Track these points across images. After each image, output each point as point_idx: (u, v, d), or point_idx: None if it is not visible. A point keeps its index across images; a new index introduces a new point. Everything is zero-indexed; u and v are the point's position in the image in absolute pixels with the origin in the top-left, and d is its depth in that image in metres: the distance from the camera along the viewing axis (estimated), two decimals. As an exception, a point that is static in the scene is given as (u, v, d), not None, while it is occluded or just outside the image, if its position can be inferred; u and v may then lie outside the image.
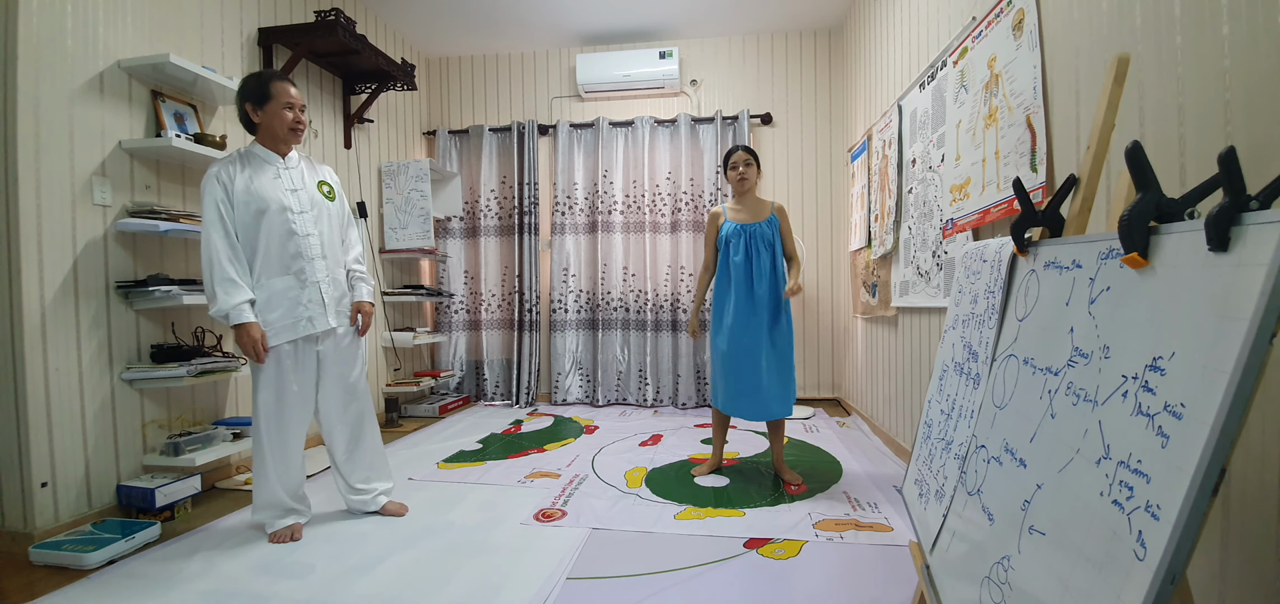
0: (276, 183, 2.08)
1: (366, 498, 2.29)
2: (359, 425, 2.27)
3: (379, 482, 2.33)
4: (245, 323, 1.97)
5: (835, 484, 2.61)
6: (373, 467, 2.32)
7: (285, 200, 2.07)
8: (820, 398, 4.54)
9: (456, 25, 4.32)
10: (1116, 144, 1.33)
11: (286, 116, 2.08)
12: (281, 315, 2.04)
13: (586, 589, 1.75)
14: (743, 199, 2.68)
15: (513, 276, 4.69)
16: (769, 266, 2.58)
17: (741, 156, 2.65)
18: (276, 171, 2.10)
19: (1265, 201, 0.64)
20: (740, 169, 2.64)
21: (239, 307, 1.95)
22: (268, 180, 2.06)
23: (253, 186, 2.02)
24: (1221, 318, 0.64)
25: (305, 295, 2.08)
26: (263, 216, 2.02)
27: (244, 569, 1.89)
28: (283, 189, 2.08)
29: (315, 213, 2.14)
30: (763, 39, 4.52)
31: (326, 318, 2.13)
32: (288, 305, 2.05)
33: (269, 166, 2.09)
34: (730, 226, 2.63)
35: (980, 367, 1.28)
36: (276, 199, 2.05)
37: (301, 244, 2.09)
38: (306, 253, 2.09)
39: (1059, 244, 1.07)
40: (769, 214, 2.63)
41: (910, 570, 1.82)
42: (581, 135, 4.61)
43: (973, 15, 2.25)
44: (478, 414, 4.30)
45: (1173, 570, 0.62)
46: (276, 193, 2.06)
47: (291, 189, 2.10)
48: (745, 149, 2.68)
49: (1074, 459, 0.84)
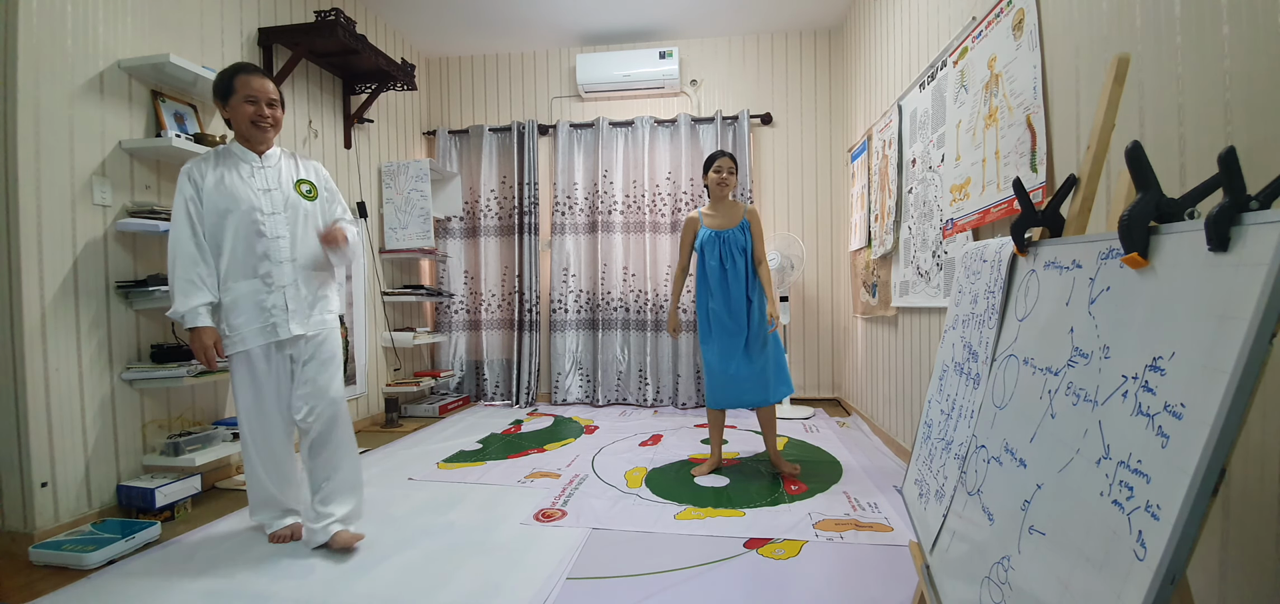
0: (248, 182, 1.98)
1: (317, 528, 2.01)
2: (327, 432, 2.05)
3: (337, 505, 2.04)
4: (198, 327, 1.88)
5: (835, 484, 2.61)
6: (336, 487, 2.06)
7: (256, 200, 1.97)
8: (820, 398, 4.54)
9: (456, 25, 4.32)
10: (1116, 144, 1.33)
11: (247, 110, 1.97)
12: (247, 320, 1.96)
13: (586, 589, 1.75)
14: (718, 205, 2.74)
15: (513, 277, 4.69)
16: (744, 269, 2.66)
17: (727, 163, 2.68)
18: (250, 170, 2.00)
19: (1265, 201, 0.64)
20: (724, 174, 2.68)
21: (195, 310, 1.87)
22: (240, 179, 1.97)
23: (223, 185, 1.94)
24: (1221, 318, 0.64)
25: (271, 300, 1.97)
26: (228, 217, 1.93)
27: (244, 569, 1.89)
28: (254, 188, 1.98)
29: (289, 214, 2.03)
30: (763, 39, 4.52)
31: (290, 325, 2.00)
32: (252, 310, 1.96)
33: (243, 164, 2.00)
34: (706, 233, 2.72)
35: (980, 367, 1.28)
36: (246, 199, 1.95)
37: (269, 246, 1.97)
38: (274, 255, 1.98)
39: (1059, 244, 1.07)
40: (741, 219, 2.69)
41: (910, 570, 1.82)
42: (581, 135, 4.61)
43: (973, 15, 2.25)
44: (478, 414, 4.30)
45: (1173, 570, 0.62)
46: (247, 192, 1.96)
47: (264, 189, 2.00)
48: (730, 155, 2.71)
49: (1074, 459, 0.84)
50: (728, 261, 2.66)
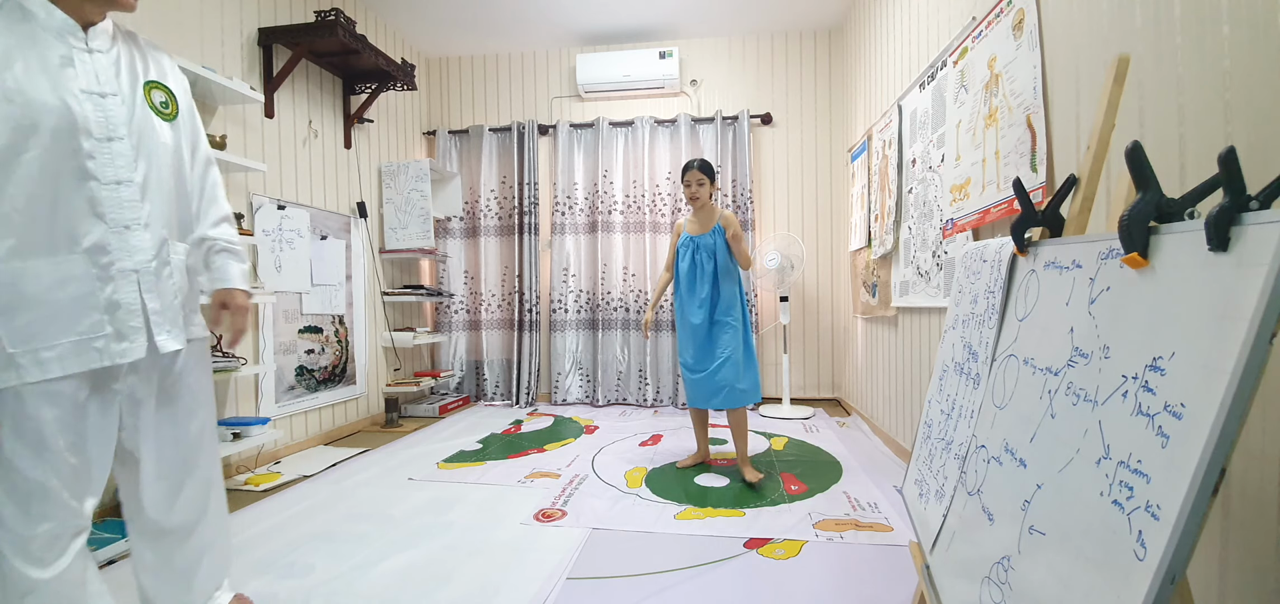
0: (63, 74, 1.12)
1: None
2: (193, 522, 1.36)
3: None
4: None
5: (835, 484, 2.61)
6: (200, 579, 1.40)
7: (77, 109, 1.12)
8: (820, 398, 4.54)
9: (456, 25, 4.32)
10: (1116, 144, 1.33)
11: None
12: (47, 325, 1.10)
13: (586, 589, 1.75)
14: (698, 212, 2.78)
15: (513, 277, 4.69)
16: (711, 273, 2.69)
17: (695, 175, 2.70)
18: (65, 51, 1.13)
19: (1265, 201, 0.64)
20: (693, 187, 2.70)
21: None
22: (45, 64, 1.10)
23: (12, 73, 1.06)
24: (1221, 318, 0.64)
25: (107, 292, 1.16)
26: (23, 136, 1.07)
27: (244, 569, 1.89)
28: (72, 87, 1.13)
29: (137, 140, 1.21)
30: (763, 39, 4.52)
31: (146, 336, 1.21)
32: (66, 308, 1.12)
33: (47, 35, 1.12)
34: (684, 238, 2.79)
35: (980, 367, 1.28)
36: (57, 103, 1.10)
37: (103, 197, 1.15)
38: (113, 214, 1.16)
39: (1059, 244, 1.07)
40: (715, 224, 2.72)
41: (910, 570, 1.82)
42: (581, 135, 4.61)
43: (973, 15, 2.25)
44: (478, 414, 4.30)
45: (1173, 570, 0.62)
46: (58, 92, 1.11)
47: (93, 91, 1.15)
48: (700, 166, 2.70)
49: (1074, 459, 0.84)
50: (697, 266, 2.71)
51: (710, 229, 2.73)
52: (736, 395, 2.65)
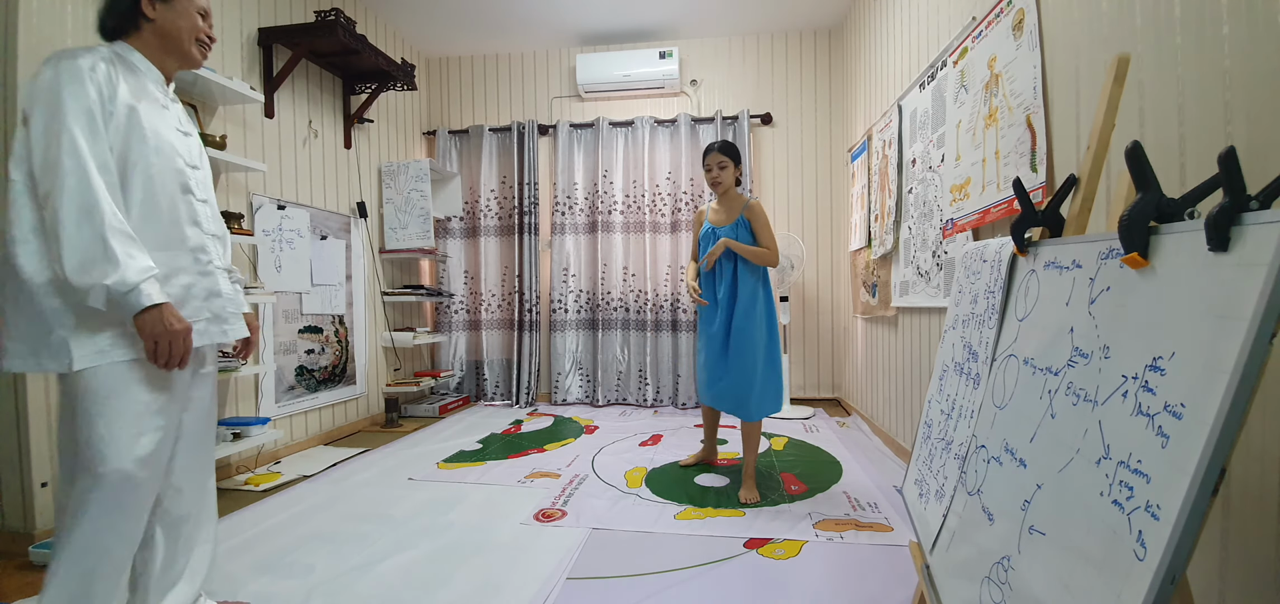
0: (164, 114, 1.35)
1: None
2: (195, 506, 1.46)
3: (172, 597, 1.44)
4: (157, 306, 1.21)
5: (835, 484, 2.61)
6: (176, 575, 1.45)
7: (179, 143, 1.37)
8: (820, 398, 4.54)
9: (456, 25, 4.32)
10: (1116, 144, 1.33)
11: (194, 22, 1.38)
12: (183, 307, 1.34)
13: (586, 589, 1.75)
14: (721, 200, 2.65)
15: (513, 277, 4.69)
16: (730, 273, 2.54)
17: (715, 158, 2.55)
18: (163, 98, 1.37)
19: (1265, 201, 0.64)
20: (714, 171, 2.56)
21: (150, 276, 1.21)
22: (154, 107, 1.33)
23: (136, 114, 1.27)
24: (1221, 318, 0.64)
25: (206, 285, 1.40)
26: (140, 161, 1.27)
27: (244, 569, 1.89)
28: (172, 126, 1.36)
29: (205, 174, 1.48)
30: (762, 39, 4.52)
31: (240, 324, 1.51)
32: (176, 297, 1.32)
33: (153, 88, 1.35)
34: (706, 228, 2.66)
35: (980, 367, 1.28)
36: (167, 140, 1.33)
37: (199, 212, 1.40)
38: (206, 225, 1.43)
39: (1059, 244, 1.07)
40: (739, 214, 2.56)
41: (910, 570, 1.82)
42: (581, 135, 4.61)
43: (973, 15, 2.25)
44: (478, 414, 4.30)
45: (1173, 570, 0.62)
46: (166, 129, 1.34)
47: (183, 130, 1.41)
48: (721, 147, 2.55)
49: (1074, 459, 0.84)
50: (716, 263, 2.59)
51: (734, 220, 2.55)
52: (748, 408, 2.48)
